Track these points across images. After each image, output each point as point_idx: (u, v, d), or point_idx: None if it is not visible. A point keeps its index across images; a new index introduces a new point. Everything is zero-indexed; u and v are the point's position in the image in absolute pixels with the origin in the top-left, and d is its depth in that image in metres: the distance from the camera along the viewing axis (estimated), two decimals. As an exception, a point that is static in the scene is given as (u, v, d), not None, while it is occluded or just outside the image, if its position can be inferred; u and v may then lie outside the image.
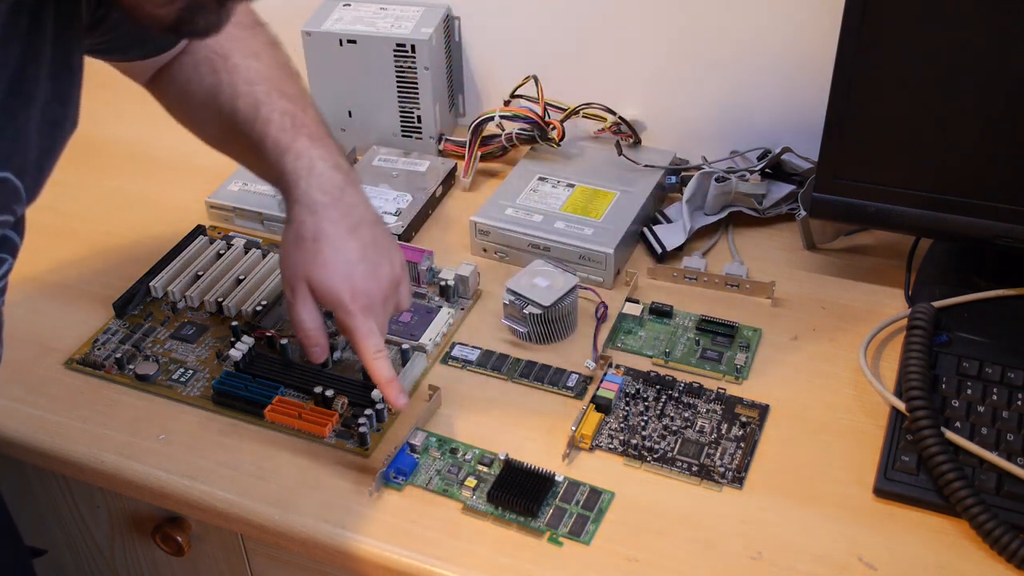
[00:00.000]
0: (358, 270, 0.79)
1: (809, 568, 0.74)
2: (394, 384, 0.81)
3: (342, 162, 0.82)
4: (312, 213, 0.79)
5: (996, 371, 0.85)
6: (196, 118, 0.89)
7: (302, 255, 0.79)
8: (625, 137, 1.11)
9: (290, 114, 0.82)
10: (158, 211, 1.13)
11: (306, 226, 0.78)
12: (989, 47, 0.82)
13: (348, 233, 0.79)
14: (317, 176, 0.80)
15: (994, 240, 0.89)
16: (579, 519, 0.78)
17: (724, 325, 0.94)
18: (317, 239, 0.78)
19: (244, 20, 0.87)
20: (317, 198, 0.79)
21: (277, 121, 0.81)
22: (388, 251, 0.82)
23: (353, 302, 0.79)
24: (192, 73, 0.86)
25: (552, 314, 0.92)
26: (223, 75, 0.84)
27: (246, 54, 0.85)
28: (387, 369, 0.80)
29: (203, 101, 0.86)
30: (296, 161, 0.80)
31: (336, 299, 0.79)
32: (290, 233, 0.80)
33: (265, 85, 0.83)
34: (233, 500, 0.81)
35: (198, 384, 0.91)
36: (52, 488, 0.97)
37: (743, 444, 0.83)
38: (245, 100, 0.83)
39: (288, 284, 0.80)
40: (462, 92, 1.24)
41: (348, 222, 0.79)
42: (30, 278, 1.04)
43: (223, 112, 0.84)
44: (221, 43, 0.85)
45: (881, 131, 0.89)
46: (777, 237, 1.06)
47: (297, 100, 0.84)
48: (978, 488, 0.76)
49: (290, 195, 0.80)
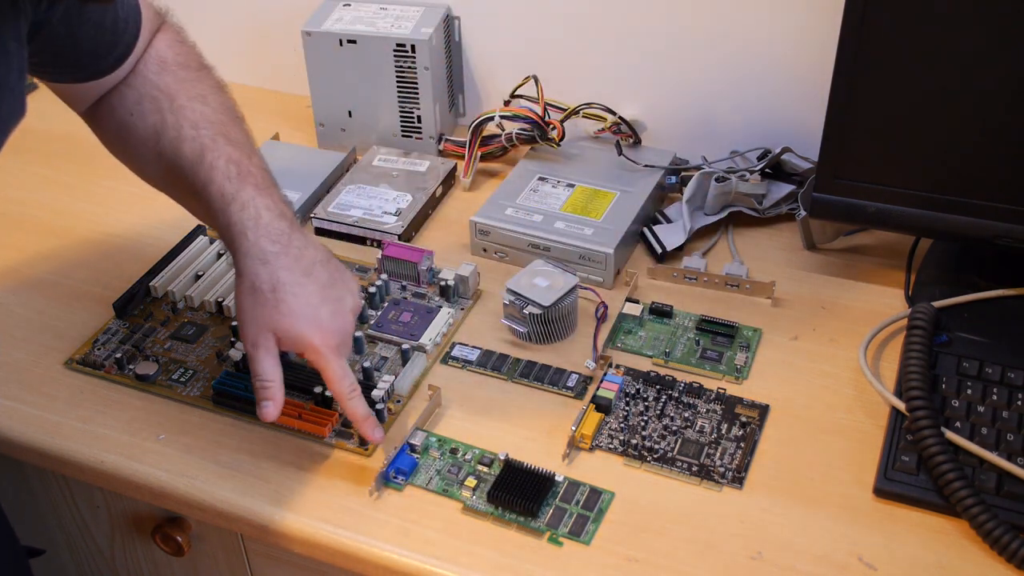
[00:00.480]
0: (322, 312, 0.79)
1: (809, 568, 0.74)
2: (370, 421, 0.82)
3: (286, 210, 0.82)
4: (264, 263, 0.78)
5: (996, 371, 0.85)
6: (136, 154, 0.87)
7: (262, 307, 0.78)
8: (625, 137, 1.11)
9: (235, 162, 0.81)
10: (158, 211, 1.13)
11: (261, 278, 0.78)
12: (989, 47, 0.82)
13: (304, 277, 0.79)
14: (264, 226, 0.79)
15: (994, 240, 0.89)
16: (579, 519, 0.78)
17: (724, 325, 0.94)
18: (276, 289, 0.78)
19: (191, 63, 0.87)
20: (267, 248, 0.78)
21: (222, 168, 0.80)
22: (345, 283, 0.83)
23: (324, 345, 0.79)
24: (134, 107, 0.85)
25: (552, 314, 0.92)
26: (168, 115, 0.83)
27: (192, 96, 0.84)
28: (362, 407, 0.81)
29: (144, 139, 0.85)
30: (242, 212, 0.79)
31: (306, 344, 0.79)
32: (244, 286, 0.79)
33: (211, 130, 0.82)
34: (233, 500, 0.81)
35: (198, 384, 0.91)
36: (52, 488, 0.97)
37: (743, 444, 0.83)
38: (190, 145, 0.82)
39: (247, 337, 0.79)
40: (462, 92, 1.24)
41: (301, 266, 0.79)
42: (30, 278, 1.04)
43: (165, 154, 0.83)
44: (167, 83, 0.84)
45: (881, 131, 0.89)
46: (777, 237, 1.06)
47: (242, 146, 0.83)
48: (978, 488, 0.76)
49: (238, 247, 0.79)
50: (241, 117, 0.88)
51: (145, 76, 0.85)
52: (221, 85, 0.88)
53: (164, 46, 0.87)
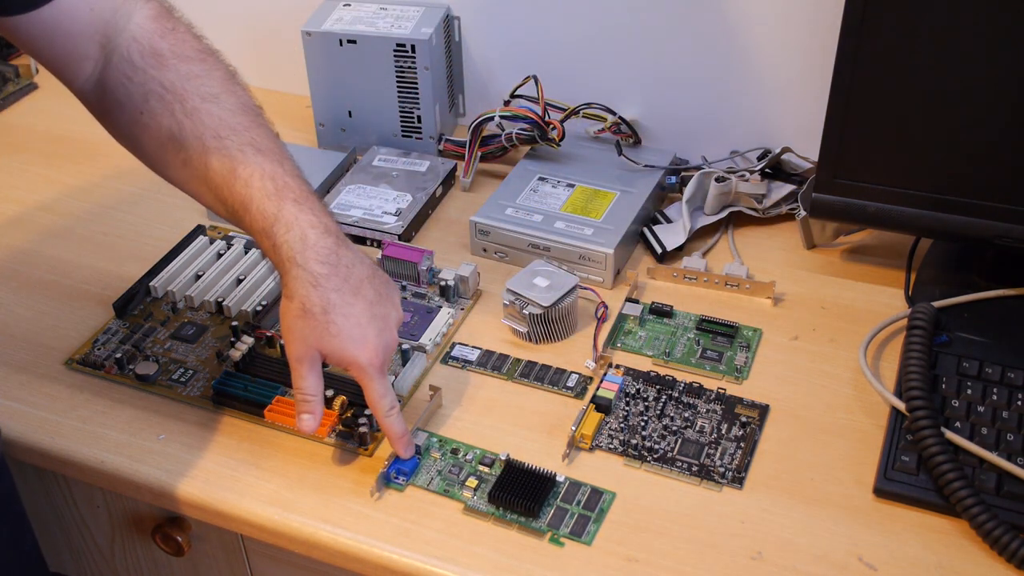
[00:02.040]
0: (370, 332, 0.79)
1: (809, 568, 0.74)
2: (405, 439, 0.82)
3: (329, 222, 0.80)
4: (315, 286, 0.77)
5: (996, 371, 0.85)
6: (155, 157, 0.84)
7: (313, 328, 0.77)
8: (625, 137, 1.11)
9: (271, 176, 0.79)
10: (158, 211, 1.13)
11: (312, 300, 0.77)
12: (989, 47, 0.82)
13: (353, 297, 0.78)
14: (312, 247, 0.77)
15: (994, 240, 0.89)
16: (580, 519, 0.78)
17: (724, 325, 0.94)
18: (327, 311, 0.77)
19: (190, 52, 0.81)
20: (316, 270, 0.77)
21: (258, 186, 0.78)
22: (390, 296, 0.82)
23: (370, 364, 0.79)
24: (143, 105, 0.81)
25: (552, 314, 0.92)
26: (184, 120, 0.80)
27: (204, 97, 0.80)
28: (400, 426, 0.81)
29: (161, 142, 0.81)
30: (287, 233, 0.77)
31: (352, 363, 0.79)
32: (294, 307, 0.78)
33: (236, 139, 0.79)
34: (233, 500, 0.81)
35: (198, 384, 0.91)
36: (52, 488, 0.97)
37: (743, 444, 0.83)
38: (218, 158, 0.79)
39: (294, 353, 0.79)
40: (462, 92, 1.24)
41: (350, 286, 0.78)
42: (30, 278, 1.04)
43: (192, 164, 0.80)
44: (171, 80, 0.80)
45: (881, 131, 0.89)
46: (777, 237, 1.06)
47: (272, 154, 0.80)
48: (978, 488, 0.76)
49: (287, 271, 0.78)
50: (259, 110, 0.84)
51: (144, 71, 0.80)
52: (230, 75, 0.83)
53: (156, 36, 0.81)
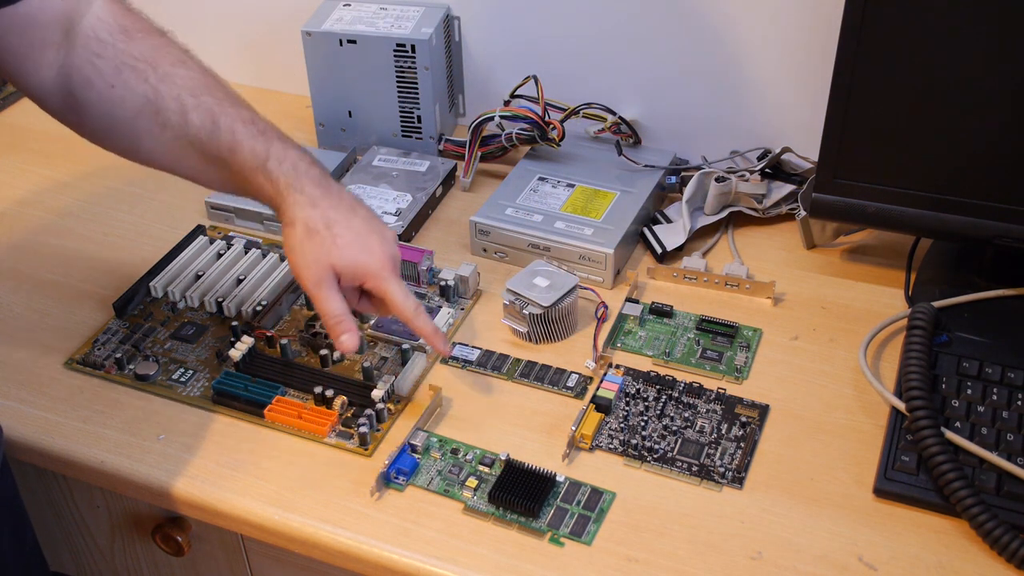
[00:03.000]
0: (373, 240, 0.83)
1: (809, 568, 0.74)
2: (439, 335, 0.85)
3: (312, 158, 0.85)
4: (315, 206, 0.82)
5: (996, 371, 0.85)
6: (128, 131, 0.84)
7: (320, 244, 0.81)
8: (625, 137, 1.11)
9: (251, 121, 0.83)
10: (158, 211, 1.13)
11: (314, 219, 0.81)
12: (989, 47, 0.82)
13: (350, 213, 0.83)
14: (305, 173, 0.83)
15: (994, 240, 0.89)
16: (580, 519, 0.78)
17: (724, 325, 0.94)
18: (330, 226, 0.81)
19: (151, 28, 0.84)
20: (313, 192, 0.82)
21: (243, 130, 0.82)
22: (380, 219, 0.87)
23: (383, 268, 0.82)
24: (114, 78, 0.82)
25: (552, 314, 0.92)
26: (159, 85, 0.82)
27: (173, 62, 0.83)
28: (430, 323, 0.84)
29: (136, 111, 0.82)
30: (281, 165, 0.82)
31: (365, 271, 0.82)
32: (298, 230, 0.82)
33: (210, 95, 0.83)
34: (233, 500, 0.81)
35: (198, 384, 0.91)
36: (52, 488, 0.97)
37: (743, 444, 0.83)
38: (197, 113, 0.82)
39: (310, 278, 0.82)
40: (462, 92, 1.24)
41: (345, 205, 0.83)
42: (30, 278, 1.04)
43: (171, 124, 0.82)
44: (142, 51, 0.82)
45: (881, 131, 0.89)
46: (777, 237, 1.06)
47: (245, 105, 0.85)
48: (978, 488, 0.76)
49: (285, 198, 0.82)
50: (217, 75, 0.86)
51: (113, 45, 0.81)
52: (185, 47, 0.86)
53: (119, 15, 0.83)
